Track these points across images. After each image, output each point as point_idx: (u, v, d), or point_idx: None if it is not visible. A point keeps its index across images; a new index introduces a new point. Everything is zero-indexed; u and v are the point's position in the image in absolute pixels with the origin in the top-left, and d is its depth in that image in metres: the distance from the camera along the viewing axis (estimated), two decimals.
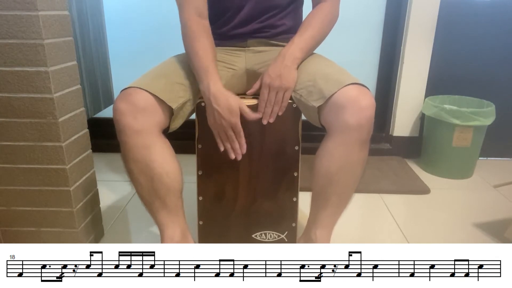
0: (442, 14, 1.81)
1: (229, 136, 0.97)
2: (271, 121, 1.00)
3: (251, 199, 1.13)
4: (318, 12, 1.04)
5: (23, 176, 1.10)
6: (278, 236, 1.17)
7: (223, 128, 0.96)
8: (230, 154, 0.99)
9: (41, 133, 1.05)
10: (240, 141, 0.97)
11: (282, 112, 0.99)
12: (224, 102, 0.93)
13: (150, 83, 0.94)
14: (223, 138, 0.98)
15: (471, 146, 1.75)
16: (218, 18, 1.11)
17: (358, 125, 0.88)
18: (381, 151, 2.03)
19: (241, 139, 0.97)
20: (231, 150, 0.98)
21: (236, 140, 0.97)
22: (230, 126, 0.95)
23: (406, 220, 1.47)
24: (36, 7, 0.95)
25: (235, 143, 0.97)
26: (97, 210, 1.29)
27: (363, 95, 0.88)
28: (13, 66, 0.99)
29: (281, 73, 0.96)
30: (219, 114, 0.94)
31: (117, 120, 0.92)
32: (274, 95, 0.97)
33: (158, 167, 0.95)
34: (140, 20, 1.92)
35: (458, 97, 1.89)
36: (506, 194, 1.67)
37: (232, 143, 0.98)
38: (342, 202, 1.00)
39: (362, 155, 0.93)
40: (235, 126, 0.95)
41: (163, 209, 1.00)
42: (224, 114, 0.93)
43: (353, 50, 1.96)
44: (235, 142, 0.97)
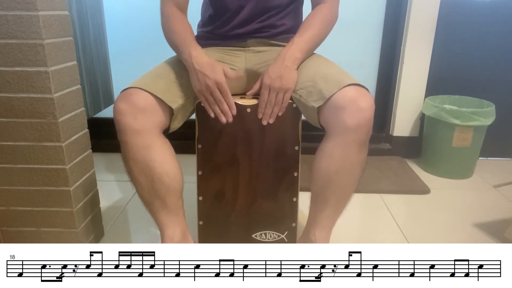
0: (442, 14, 1.81)
1: (216, 97, 0.94)
2: (271, 122, 1.00)
3: (251, 199, 1.13)
4: (318, 13, 1.04)
5: (23, 176, 1.10)
6: (278, 236, 1.17)
7: (208, 89, 0.94)
8: (220, 117, 0.96)
9: (41, 133, 1.05)
10: (228, 101, 0.95)
11: (282, 112, 0.99)
12: (206, 62, 0.94)
13: (150, 83, 0.94)
14: (210, 102, 0.95)
15: (471, 146, 1.75)
16: (218, 18, 1.11)
17: (357, 126, 0.88)
18: (381, 151, 2.03)
19: (229, 100, 0.95)
20: (221, 113, 0.96)
21: (224, 101, 0.95)
22: (216, 85, 0.93)
23: (406, 220, 1.47)
24: (36, 7, 0.95)
25: (224, 104, 0.95)
26: (97, 210, 1.29)
27: (362, 96, 0.88)
28: (13, 66, 0.99)
29: (281, 74, 0.96)
30: (202, 74, 0.93)
31: (118, 120, 0.92)
32: (274, 96, 0.97)
33: (158, 167, 0.95)
34: (140, 20, 1.92)
35: (458, 97, 1.89)
36: (506, 194, 1.67)
37: (220, 104, 0.95)
38: (341, 203, 1.00)
39: (361, 156, 0.93)
40: (220, 84, 0.93)
41: (163, 209, 1.00)
42: (207, 72, 0.92)
43: (353, 50, 1.96)
44: (223, 103, 0.95)
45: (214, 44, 1.12)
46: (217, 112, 0.96)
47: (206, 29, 1.15)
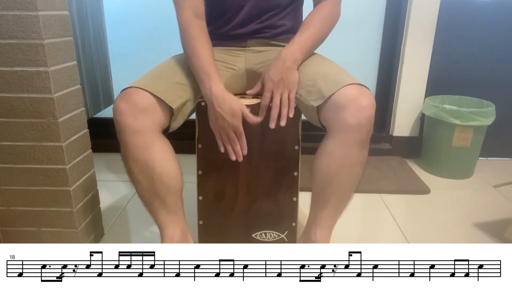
0: (442, 14, 1.81)
1: (231, 138, 0.97)
2: (282, 124, 0.96)
3: (251, 199, 1.13)
4: (319, 11, 1.04)
5: (23, 176, 1.10)
6: (278, 236, 1.17)
7: (225, 130, 0.96)
8: (231, 155, 0.99)
9: (41, 133, 1.05)
10: (241, 143, 0.98)
11: (292, 113, 0.97)
12: (227, 105, 0.94)
13: (150, 83, 0.94)
14: (224, 140, 0.99)
15: (471, 146, 1.75)
16: (218, 19, 1.11)
17: (358, 125, 0.88)
18: (381, 151, 2.03)
19: (242, 141, 0.98)
20: (232, 152, 0.99)
21: (237, 142, 0.98)
22: (232, 129, 0.96)
23: (406, 220, 1.47)
24: (36, 7, 0.95)
25: (237, 145, 0.98)
26: (97, 210, 1.29)
27: (363, 95, 0.88)
28: (13, 66, 0.99)
29: (282, 77, 0.95)
30: (221, 116, 0.94)
31: (117, 120, 0.92)
32: (279, 97, 0.96)
33: (158, 167, 0.95)
34: (140, 20, 1.92)
35: (458, 97, 1.89)
36: (506, 194, 1.67)
37: (233, 145, 0.98)
38: (342, 202, 1.00)
39: (362, 155, 0.93)
40: (237, 128, 0.96)
41: (163, 209, 1.00)
42: (226, 117, 0.94)
43: (353, 50, 1.96)
44: (237, 144, 0.98)
45: (214, 44, 1.12)
46: (229, 150, 0.99)
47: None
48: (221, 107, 0.94)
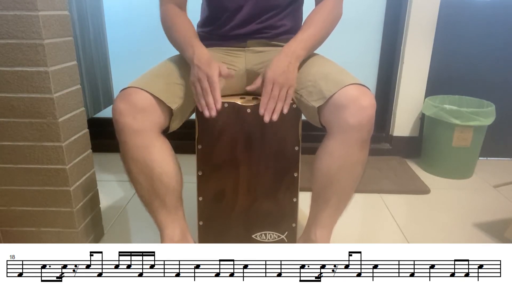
0: (442, 14, 1.81)
1: (204, 89, 0.92)
2: (274, 118, 0.94)
3: (251, 199, 1.13)
4: (321, 9, 1.04)
5: (23, 176, 1.10)
6: (278, 237, 1.17)
7: (199, 81, 0.92)
8: (205, 111, 0.92)
9: (41, 133, 1.05)
10: (214, 94, 0.92)
11: (287, 109, 0.95)
12: (205, 58, 0.93)
13: (150, 83, 0.94)
14: (198, 92, 0.93)
15: (471, 146, 1.75)
16: (218, 19, 1.11)
17: (359, 125, 0.88)
18: (381, 151, 2.03)
19: (215, 92, 0.91)
20: (205, 106, 0.92)
21: (209, 93, 0.92)
22: (206, 77, 0.91)
23: (406, 220, 1.47)
24: (36, 7, 0.95)
25: (209, 96, 0.91)
26: (97, 210, 1.29)
27: (363, 95, 0.88)
28: (13, 66, 0.99)
29: (285, 70, 0.94)
30: (198, 67, 0.92)
31: (117, 120, 0.92)
32: (278, 91, 0.94)
33: (157, 167, 0.95)
34: (140, 20, 1.92)
35: (458, 97, 1.89)
36: (506, 194, 1.67)
37: (206, 96, 0.92)
38: (342, 202, 1.00)
39: (363, 155, 0.93)
40: (210, 77, 0.91)
41: (162, 209, 1.00)
42: (202, 66, 0.92)
43: (353, 50, 1.96)
44: (209, 96, 0.91)
45: (214, 44, 1.12)
46: (201, 104, 0.93)
47: (205, 29, 1.15)
48: (199, 61, 0.93)
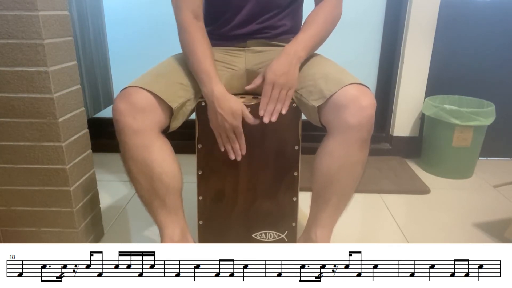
0: (442, 14, 1.81)
1: (230, 138, 0.99)
2: (273, 120, 0.97)
3: (251, 199, 1.13)
4: (321, 10, 1.04)
5: (23, 176, 1.10)
6: (278, 236, 1.17)
7: (225, 130, 0.98)
8: (231, 155, 1.01)
9: (41, 133, 1.05)
10: (240, 142, 1.00)
11: (286, 110, 0.98)
12: (227, 106, 0.95)
13: (150, 83, 0.94)
14: (224, 140, 1.00)
15: (471, 146, 1.75)
16: (218, 19, 1.11)
17: (359, 124, 0.88)
18: (381, 151, 2.03)
19: (242, 141, 1.00)
20: (232, 151, 1.01)
21: (236, 142, 0.99)
22: (232, 129, 0.97)
23: (406, 220, 1.47)
24: (36, 7, 0.95)
25: (236, 144, 1.00)
26: (97, 210, 1.29)
27: (363, 94, 0.88)
28: (13, 66, 0.99)
29: (285, 71, 0.95)
30: (222, 117, 0.95)
31: (117, 119, 0.92)
32: (278, 92, 0.96)
33: (157, 167, 0.95)
34: (140, 20, 1.92)
35: (458, 97, 1.89)
36: (506, 194, 1.67)
37: (233, 144, 1.00)
38: (342, 202, 1.00)
39: (363, 154, 0.93)
40: (236, 128, 0.97)
41: (162, 209, 1.00)
42: (227, 117, 0.95)
43: (353, 50, 1.96)
44: (236, 144, 1.00)
45: (214, 44, 1.12)
46: (228, 150, 1.01)
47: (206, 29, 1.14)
48: (222, 108, 0.95)
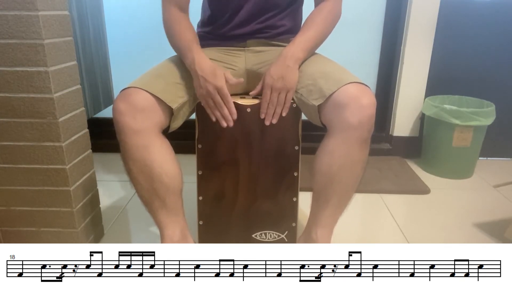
0: (442, 14, 1.81)
1: (216, 102, 0.96)
2: (274, 122, 1.00)
3: (251, 199, 1.13)
4: (321, 11, 1.04)
5: (23, 176, 1.10)
6: (278, 236, 1.17)
7: (209, 94, 0.95)
8: (221, 122, 0.98)
9: (41, 133, 1.05)
10: (228, 106, 0.96)
11: (286, 112, 0.99)
12: (208, 68, 0.95)
13: (150, 83, 0.94)
14: (211, 106, 0.97)
15: (471, 146, 1.75)
16: (218, 19, 1.11)
17: (359, 124, 0.88)
18: (381, 151, 2.03)
19: (229, 104, 0.96)
20: (221, 118, 0.98)
21: (224, 106, 0.96)
22: (216, 90, 0.94)
23: (406, 220, 1.47)
24: (36, 7, 0.95)
25: (224, 109, 0.96)
26: (97, 210, 1.29)
27: (363, 94, 0.88)
28: (13, 66, 0.99)
29: (283, 74, 0.96)
30: (204, 79, 0.94)
31: (117, 120, 0.92)
32: (277, 96, 0.97)
33: (157, 167, 0.95)
34: (140, 20, 1.92)
35: (458, 97, 1.89)
36: (506, 194, 1.67)
37: (221, 109, 0.97)
38: (343, 202, 1.00)
39: (363, 153, 0.93)
40: (221, 89, 0.94)
41: (162, 209, 1.00)
42: (208, 78, 0.94)
43: (353, 50, 1.96)
44: (224, 108, 0.96)
45: (214, 44, 1.12)
46: (217, 117, 0.98)
47: (206, 29, 1.15)
48: (203, 70, 0.94)
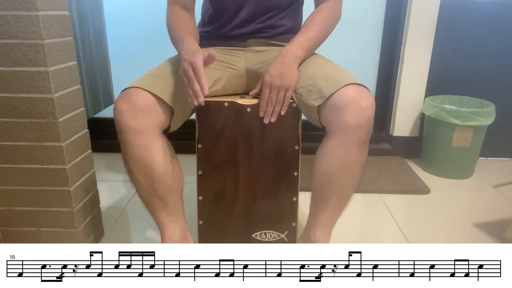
0: (442, 14, 1.81)
1: (189, 78, 0.88)
2: (272, 120, 1.00)
3: (251, 199, 1.13)
4: (321, 11, 1.04)
5: (23, 176, 1.10)
6: (278, 236, 1.17)
7: (185, 72, 0.89)
8: (192, 100, 0.89)
9: (41, 133, 1.05)
10: (199, 80, 0.87)
11: (285, 111, 0.99)
12: (191, 49, 0.91)
13: (150, 83, 0.94)
14: (185, 83, 0.90)
15: (471, 146, 1.75)
16: (219, 19, 1.11)
17: (358, 125, 0.88)
18: (381, 151, 2.03)
19: (200, 78, 0.87)
20: (192, 95, 0.88)
21: (195, 80, 0.88)
22: (190, 65, 0.88)
23: (406, 220, 1.47)
24: (36, 7, 0.95)
25: (195, 84, 0.87)
26: (97, 210, 1.29)
27: (362, 95, 0.88)
28: (13, 66, 0.99)
29: (282, 72, 0.95)
30: (183, 59, 0.90)
31: (117, 120, 0.92)
32: (275, 94, 0.97)
33: (158, 167, 0.95)
34: (140, 20, 1.92)
35: (458, 97, 1.89)
36: (506, 194, 1.67)
37: (192, 84, 0.88)
38: (341, 202, 1.00)
39: (362, 155, 0.93)
40: (194, 63, 0.87)
41: (163, 209, 1.00)
42: (187, 56, 0.89)
43: (353, 50, 1.96)
44: (195, 83, 0.87)
45: (214, 44, 1.12)
46: (189, 94, 0.89)
47: (206, 29, 1.15)
48: (186, 53, 0.90)
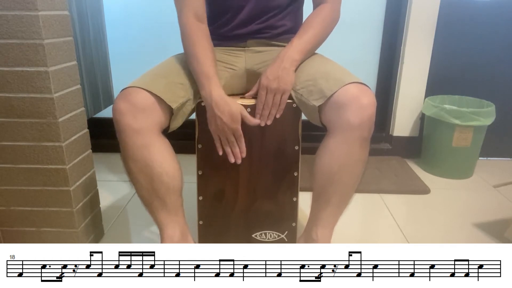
0: (442, 14, 1.81)
1: (230, 141, 0.98)
2: (268, 123, 1.00)
3: (251, 199, 1.13)
4: (319, 14, 1.04)
5: (23, 176, 1.10)
6: (278, 236, 1.17)
7: (224, 134, 0.97)
8: (230, 158, 1.00)
9: (41, 133, 1.05)
10: (240, 145, 0.99)
11: (280, 114, 1.00)
12: (226, 109, 0.94)
13: (150, 83, 0.94)
14: (223, 143, 1.00)
15: (471, 146, 1.75)
16: (218, 19, 1.11)
17: (360, 123, 0.88)
18: (381, 151, 2.03)
19: (241, 144, 0.99)
20: (231, 154, 1.00)
21: (236, 145, 0.99)
22: (232, 132, 0.96)
23: (406, 220, 1.47)
24: (36, 7, 0.95)
25: (236, 148, 0.99)
26: (97, 210, 1.29)
27: (364, 94, 0.89)
28: (13, 66, 0.99)
29: (278, 76, 0.96)
30: (221, 120, 0.95)
31: (117, 119, 0.92)
32: (272, 97, 0.97)
33: (157, 167, 0.95)
34: (140, 20, 1.92)
35: (458, 97, 1.89)
36: (506, 194, 1.67)
37: (232, 147, 0.99)
38: (343, 202, 1.00)
39: (363, 153, 0.93)
40: (236, 131, 0.96)
41: (162, 208, 1.00)
42: (226, 120, 0.95)
43: (353, 50, 1.96)
44: (236, 147, 0.99)
45: (214, 44, 1.12)
46: (228, 153, 1.00)
47: None
48: (221, 111, 0.94)
